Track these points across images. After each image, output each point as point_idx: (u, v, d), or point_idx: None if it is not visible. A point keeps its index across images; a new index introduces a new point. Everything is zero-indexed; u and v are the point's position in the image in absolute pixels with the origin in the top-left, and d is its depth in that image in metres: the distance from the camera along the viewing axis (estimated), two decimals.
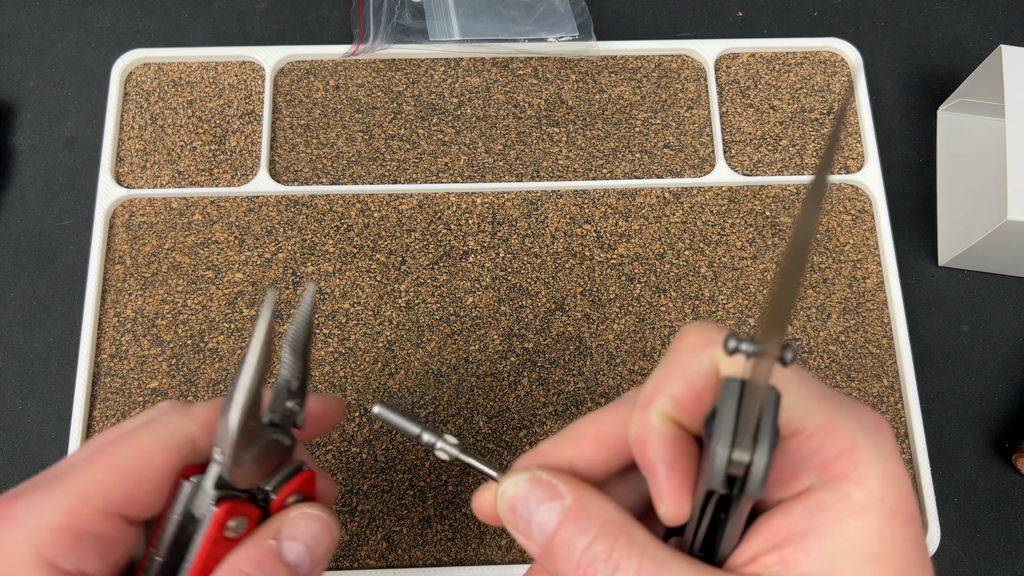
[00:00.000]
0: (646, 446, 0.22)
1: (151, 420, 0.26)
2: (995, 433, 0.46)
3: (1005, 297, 0.49)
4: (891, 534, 0.21)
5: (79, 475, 0.24)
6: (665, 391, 0.22)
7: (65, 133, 0.51)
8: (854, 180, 0.49)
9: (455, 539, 0.42)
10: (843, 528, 0.21)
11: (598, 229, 0.48)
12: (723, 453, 0.19)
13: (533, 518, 0.23)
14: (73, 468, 0.24)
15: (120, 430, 0.26)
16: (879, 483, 0.21)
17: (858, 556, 0.20)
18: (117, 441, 0.25)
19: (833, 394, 0.22)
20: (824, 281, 0.47)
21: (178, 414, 0.27)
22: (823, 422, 0.21)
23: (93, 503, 0.24)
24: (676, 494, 0.22)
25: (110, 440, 0.25)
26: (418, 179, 0.49)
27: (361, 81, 0.51)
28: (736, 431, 0.19)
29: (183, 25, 0.54)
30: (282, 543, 0.26)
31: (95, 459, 0.25)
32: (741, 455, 0.19)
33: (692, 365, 0.22)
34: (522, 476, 0.24)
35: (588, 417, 0.26)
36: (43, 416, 0.45)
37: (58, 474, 0.24)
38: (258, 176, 0.48)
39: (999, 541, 0.44)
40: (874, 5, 0.56)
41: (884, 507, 0.21)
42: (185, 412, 0.27)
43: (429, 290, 0.46)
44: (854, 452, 0.21)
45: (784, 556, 0.21)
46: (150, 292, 0.46)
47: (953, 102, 0.52)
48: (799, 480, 0.22)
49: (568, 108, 0.51)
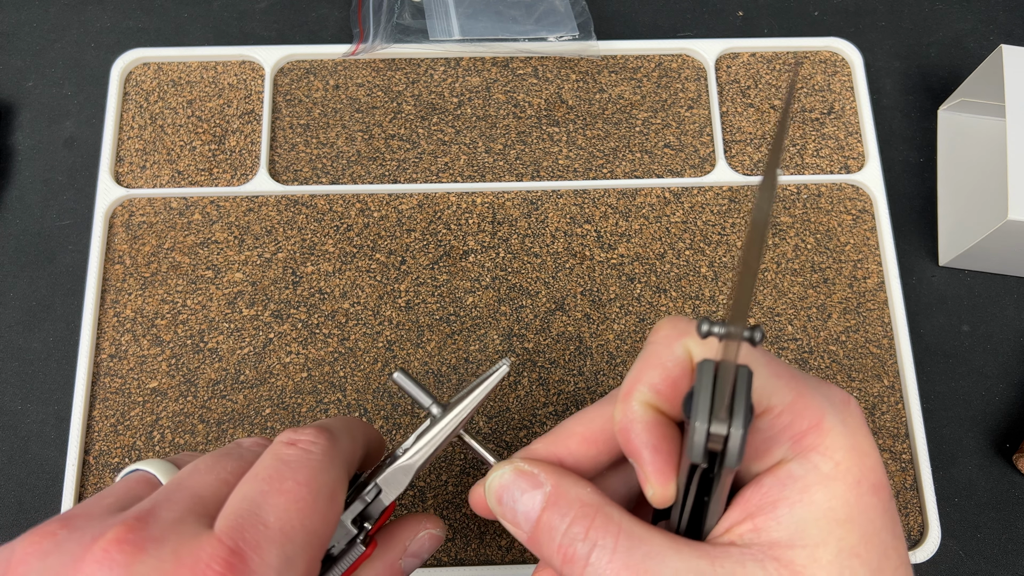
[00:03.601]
0: (630, 433, 0.23)
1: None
2: (996, 433, 0.46)
3: (1006, 297, 0.49)
4: (857, 501, 0.22)
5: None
6: (644, 381, 0.24)
7: (65, 133, 0.50)
8: (854, 180, 0.49)
9: (455, 539, 0.42)
10: (811, 496, 0.22)
11: (598, 229, 0.48)
12: (702, 428, 0.20)
13: (518, 507, 0.25)
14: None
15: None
16: (845, 454, 0.22)
17: (825, 522, 0.22)
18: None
19: (801, 374, 0.24)
20: (825, 281, 0.47)
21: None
22: (792, 399, 0.23)
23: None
24: (661, 475, 0.23)
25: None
26: (418, 179, 0.49)
27: (361, 81, 0.51)
28: (713, 407, 0.20)
29: (183, 25, 0.53)
30: (405, 559, 0.29)
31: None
32: (719, 428, 0.20)
33: (667, 354, 0.24)
34: (506, 468, 0.26)
35: (576, 416, 0.27)
36: (43, 416, 0.45)
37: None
38: (258, 176, 0.48)
39: (1000, 541, 0.44)
40: (874, 5, 0.56)
41: (850, 476, 0.22)
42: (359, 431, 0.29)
43: (429, 290, 0.46)
44: (822, 426, 0.22)
45: (756, 524, 0.22)
46: (150, 292, 0.46)
47: (954, 102, 0.52)
48: (771, 454, 0.23)
49: (568, 108, 0.51)
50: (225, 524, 0.22)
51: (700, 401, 0.20)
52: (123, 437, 0.43)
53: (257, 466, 0.24)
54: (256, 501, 0.22)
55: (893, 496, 0.23)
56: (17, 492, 0.44)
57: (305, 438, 0.25)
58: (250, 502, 0.22)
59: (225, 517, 0.22)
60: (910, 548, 0.42)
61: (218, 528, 0.22)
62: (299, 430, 0.26)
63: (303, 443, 0.25)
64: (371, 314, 0.46)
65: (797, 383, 0.23)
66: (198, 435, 0.43)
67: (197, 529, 0.21)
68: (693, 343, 0.24)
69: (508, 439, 0.44)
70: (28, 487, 0.44)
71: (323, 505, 0.24)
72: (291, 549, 0.22)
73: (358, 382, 0.44)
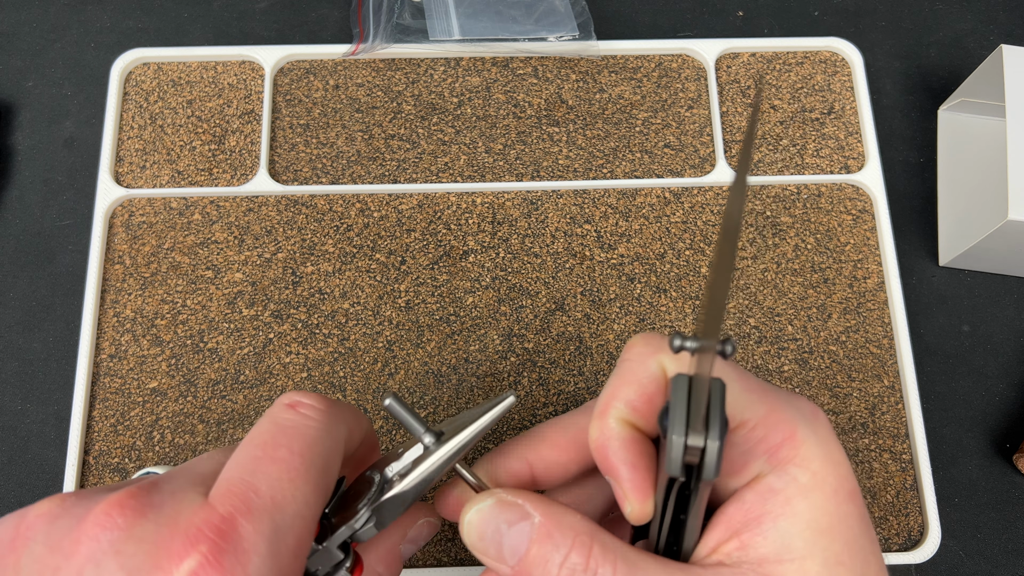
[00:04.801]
0: (607, 450, 0.23)
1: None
2: (996, 433, 0.46)
3: (1006, 297, 0.49)
4: (837, 509, 0.22)
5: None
6: (619, 397, 0.24)
7: (65, 133, 0.51)
8: (854, 180, 0.49)
9: (455, 539, 0.42)
10: (793, 508, 0.22)
11: (598, 229, 0.48)
12: (679, 441, 0.20)
13: (504, 541, 0.24)
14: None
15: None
16: (821, 464, 0.23)
17: (810, 532, 0.22)
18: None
19: (771, 387, 0.24)
20: (824, 281, 0.47)
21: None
22: (765, 413, 0.23)
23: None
24: (639, 491, 0.23)
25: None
26: (418, 179, 0.49)
27: (361, 81, 0.51)
28: (689, 419, 0.20)
29: (183, 25, 0.53)
30: (404, 544, 0.29)
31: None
32: (696, 440, 0.20)
33: (642, 371, 0.24)
34: (486, 501, 0.25)
35: (551, 422, 0.27)
36: (43, 416, 0.45)
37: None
38: (258, 176, 0.48)
39: (1000, 541, 0.44)
40: (874, 5, 0.56)
41: (827, 486, 0.22)
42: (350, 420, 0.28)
43: (429, 290, 0.46)
44: (795, 438, 0.23)
45: (743, 541, 0.22)
46: (149, 292, 0.46)
47: (954, 102, 0.52)
48: (748, 468, 0.23)
49: (568, 108, 0.51)
50: (218, 491, 0.22)
51: (676, 415, 0.20)
52: (123, 437, 0.43)
53: (254, 430, 0.24)
54: (249, 468, 0.22)
55: (865, 503, 0.24)
56: (17, 492, 0.44)
57: (306, 402, 0.25)
58: (243, 468, 0.22)
59: (219, 483, 0.22)
60: (910, 548, 0.43)
61: (212, 495, 0.22)
62: (301, 393, 0.25)
63: (304, 407, 0.24)
64: (371, 314, 0.46)
65: (768, 396, 0.23)
66: (198, 435, 0.43)
67: (196, 497, 0.22)
68: (667, 359, 0.24)
69: (508, 439, 0.44)
70: (28, 487, 0.44)
71: (316, 476, 0.23)
72: (281, 519, 0.22)
73: (358, 382, 0.44)
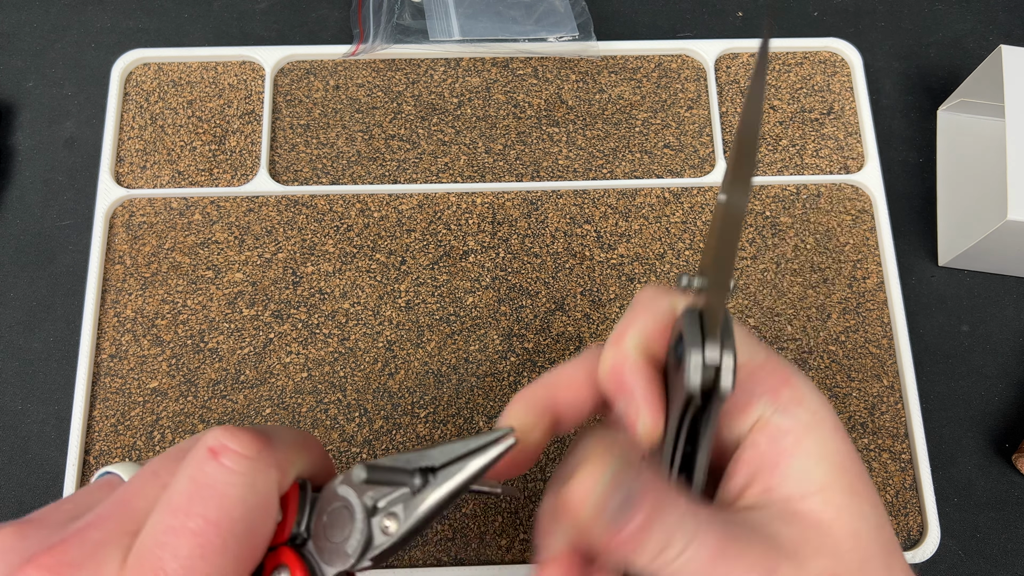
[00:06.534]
0: (623, 371, 0.25)
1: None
2: (995, 433, 0.46)
3: (1005, 297, 0.49)
4: (842, 445, 0.24)
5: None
6: (635, 325, 0.25)
7: (65, 133, 0.51)
8: (854, 180, 0.49)
9: (455, 539, 0.42)
10: (804, 447, 0.24)
11: (598, 229, 0.48)
12: (696, 358, 0.21)
13: (626, 509, 0.22)
14: None
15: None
16: (818, 405, 0.24)
17: (825, 465, 0.23)
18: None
19: (763, 342, 0.26)
20: (824, 281, 0.47)
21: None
22: (763, 359, 0.25)
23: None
24: (653, 407, 0.24)
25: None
26: (418, 179, 0.49)
27: (361, 81, 0.51)
28: (704, 339, 0.21)
29: (183, 25, 0.54)
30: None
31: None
32: (712, 355, 0.21)
33: (655, 306, 0.25)
34: (606, 472, 0.22)
35: (558, 368, 0.28)
36: (43, 416, 0.45)
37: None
38: (258, 176, 0.48)
39: (999, 541, 0.44)
40: (874, 5, 0.56)
41: (828, 423, 0.24)
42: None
43: (429, 290, 0.46)
44: (792, 382, 0.25)
45: (766, 484, 0.24)
46: (150, 292, 0.46)
47: (953, 102, 0.52)
48: (752, 408, 0.25)
49: (568, 108, 0.51)
50: (131, 561, 0.21)
51: (691, 336, 0.21)
52: (123, 437, 0.43)
53: (172, 488, 0.22)
54: (160, 540, 0.21)
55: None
56: (17, 492, 0.44)
57: (232, 447, 0.22)
58: (155, 540, 0.21)
59: (136, 549, 0.21)
60: (909, 548, 0.43)
61: (129, 563, 0.21)
62: (229, 433, 0.22)
63: (228, 455, 0.22)
64: (371, 314, 0.46)
65: (763, 347, 0.25)
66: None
67: (113, 563, 0.21)
68: (678, 300, 0.25)
69: (521, 389, 0.44)
70: (28, 487, 0.44)
71: (235, 546, 0.21)
72: None
73: (358, 382, 0.45)
